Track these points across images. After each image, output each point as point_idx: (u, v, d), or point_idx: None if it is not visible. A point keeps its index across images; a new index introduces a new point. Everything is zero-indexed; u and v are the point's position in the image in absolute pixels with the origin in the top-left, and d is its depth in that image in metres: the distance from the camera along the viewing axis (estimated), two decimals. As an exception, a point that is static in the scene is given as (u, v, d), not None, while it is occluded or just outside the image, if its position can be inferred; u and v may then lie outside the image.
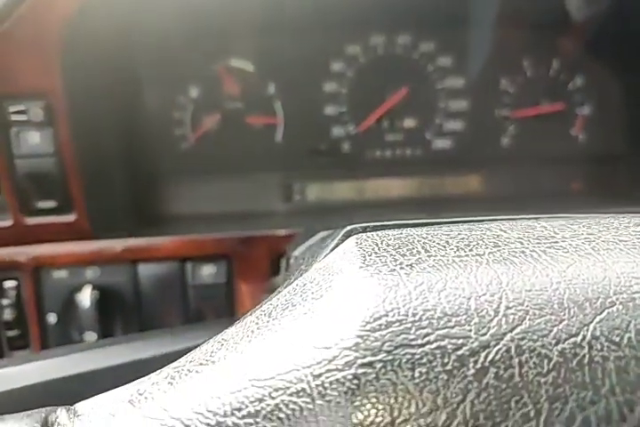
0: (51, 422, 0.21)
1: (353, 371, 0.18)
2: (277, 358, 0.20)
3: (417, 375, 0.18)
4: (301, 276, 0.26)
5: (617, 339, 0.19)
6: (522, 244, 0.24)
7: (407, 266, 0.22)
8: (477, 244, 0.24)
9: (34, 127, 0.55)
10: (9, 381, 0.41)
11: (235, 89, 0.70)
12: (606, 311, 0.19)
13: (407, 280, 0.21)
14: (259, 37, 0.70)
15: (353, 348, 0.19)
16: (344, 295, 0.21)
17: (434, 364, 0.18)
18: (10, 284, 0.60)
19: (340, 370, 0.18)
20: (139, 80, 0.69)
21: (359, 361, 0.18)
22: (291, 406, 0.18)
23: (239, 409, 0.19)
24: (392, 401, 0.18)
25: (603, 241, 0.24)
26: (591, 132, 0.75)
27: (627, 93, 0.74)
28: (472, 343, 0.18)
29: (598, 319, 0.19)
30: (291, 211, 0.72)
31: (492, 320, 0.19)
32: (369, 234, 0.27)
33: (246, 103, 0.71)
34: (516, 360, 0.18)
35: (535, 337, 0.19)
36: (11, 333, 0.59)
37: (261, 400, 0.19)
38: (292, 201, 0.73)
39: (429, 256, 0.23)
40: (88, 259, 0.60)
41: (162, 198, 0.71)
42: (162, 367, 0.23)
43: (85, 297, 0.57)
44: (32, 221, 0.58)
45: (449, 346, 0.18)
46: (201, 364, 0.22)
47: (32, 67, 0.54)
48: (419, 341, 0.19)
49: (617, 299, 0.20)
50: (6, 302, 0.59)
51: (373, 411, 0.18)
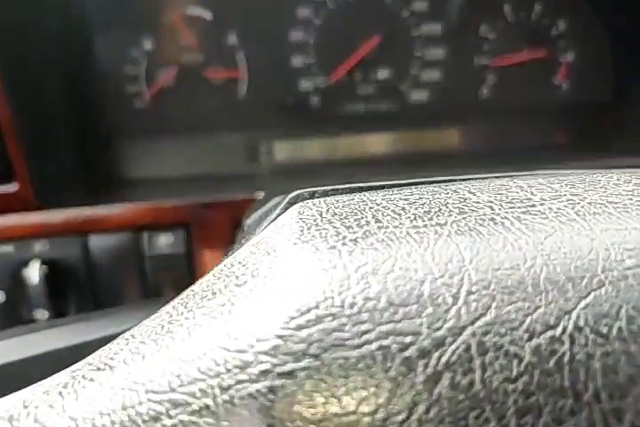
0: None
1: (269, 382, 0.14)
2: (182, 363, 0.16)
3: (351, 386, 0.14)
4: (234, 253, 0.22)
5: (605, 330, 0.15)
6: (492, 209, 0.20)
7: (351, 241, 0.18)
8: (439, 210, 0.20)
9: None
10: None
11: (192, 40, 0.65)
12: (592, 294, 0.15)
13: (348, 260, 0.17)
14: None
15: (271, 352, 0.14)
16: (270, 282, 0.17)
17: (373, 370, 0.14)
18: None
19: (254, 381, 0.14)
20: (87, 32, 0.63)
21: (277, 369, 0.14)
22: None
23: None
24: (318, 420, 0.14)
25: (589, 203, 0.19)
26: (575, 80, 0.72)
27: (612, 38, 0.70)
28: (423, 341, 0.14)
29: (583, 305, 0.15)
30: (257, 173, 0.68)
31: (450, 310, 0.15)
32: (315, 201, 0.23)
33: (205, 55, 0.65)
34: (478, 362, 0.14)
35: (503, 331, 0.15)
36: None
37: (156, 420, 0.15)
38: (259, 162, 0.69)
39: (380, 228, 0.19)
40: (35, 231, 0.55)
41: (115, 162, 0.66)
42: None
43: (34, 272, 0.53)
44: (-31, 192, 0.53)
45: (393, 346, 0.14)
46: (98, 368, 0.17)
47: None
48: (355, 340, 0.15)
49: (606, 277, 0.16)
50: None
51: None
